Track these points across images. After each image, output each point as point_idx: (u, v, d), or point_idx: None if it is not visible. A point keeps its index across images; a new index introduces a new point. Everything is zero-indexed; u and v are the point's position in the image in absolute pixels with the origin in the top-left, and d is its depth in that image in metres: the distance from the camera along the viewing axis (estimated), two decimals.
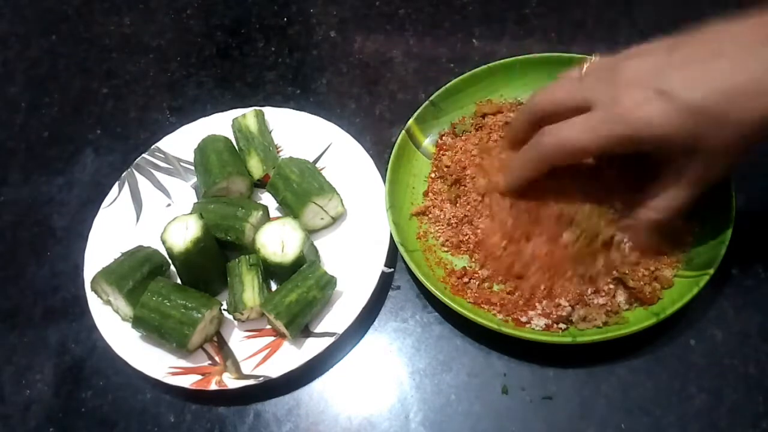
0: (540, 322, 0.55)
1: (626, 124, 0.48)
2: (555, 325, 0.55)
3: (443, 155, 0.66)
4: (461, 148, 0.65)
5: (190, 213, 0.63)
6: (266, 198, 0.68)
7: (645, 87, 0.47)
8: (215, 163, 0.67)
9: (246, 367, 0.58)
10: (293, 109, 0.72)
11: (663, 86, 0.47)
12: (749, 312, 0.56)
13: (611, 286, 0.55)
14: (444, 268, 0.60)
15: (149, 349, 0.60)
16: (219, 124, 0.72)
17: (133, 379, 0.60)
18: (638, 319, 0.54)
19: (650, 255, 0.56)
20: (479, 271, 0.59)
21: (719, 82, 0.46)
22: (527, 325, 0.55)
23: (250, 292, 0.60)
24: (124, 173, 0.71)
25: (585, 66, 0.53)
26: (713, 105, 0.46)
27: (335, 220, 0.66)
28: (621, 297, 0.55)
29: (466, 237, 0.61)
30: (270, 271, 0.62)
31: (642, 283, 0.55)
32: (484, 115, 0.67)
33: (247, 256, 0.61)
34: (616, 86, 0.49)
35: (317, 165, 0.68)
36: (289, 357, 0.58)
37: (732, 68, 0.46)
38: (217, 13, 0.88)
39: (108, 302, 0.62)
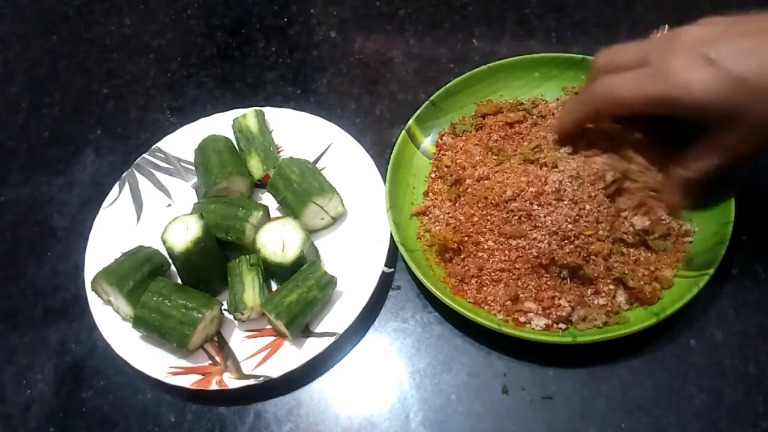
0: (540, 322, 0.55)
1: (671, 85, 0.49)
2: (555, 325, 0.55)
3: (443, 155, 0.66)
4: (461, 148, 0.65)
5: (191, 213, 0.63)
6: (266, 198, 0.68)
7: (696, 53, 0.49)
8: (216, 163, 0.67)
9: (246, 367, 0.58)
10: (293, 109, 0.73)
11: (712, 54, 0.48)
12: (749, 312, 0.57)
13: (611, 287, 0.55)
14: (444, 269, 0.60)
15: (150, 349, 0.60)
16: (219, 124, 0.72)
17: (134, 379, 0.61)
18: (638, 319, 0.54)
19: (675, 212, 0.57)
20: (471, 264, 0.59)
21: (765, 55, 0.47)
22: (527, 325, 0.55)
23: (251, 292, 0.60)
24: (125, 173, 0.71)
25: (655, 33, 0.55)
26: (758, 78, 0.47)
27: (335, 220, 0.66)
28: (621, 297, 0.55)
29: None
30: (270, 271, 0.62)
31: (642, 283, 0.55)
32: (484, 116, 0.67)
33: (247, 256, 0.61)
34: (672, 49, 0.50)
35: (317, 165, 0.68)
36: (290, 357, 0.58)
37: None
38: (217, 13, 0.88)
39: (108, 302, 0.62)
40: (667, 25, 0.55)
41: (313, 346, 0.58)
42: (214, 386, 0.57)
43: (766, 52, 0.47)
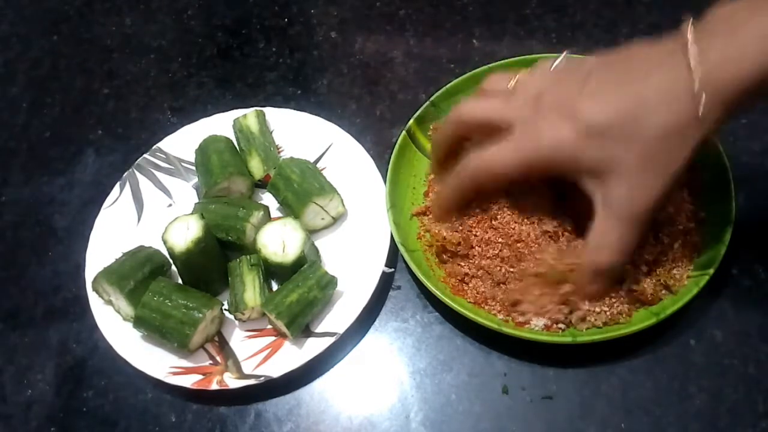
0: (539, 323, 0.55)
1: (540, 147, 0.50)
2: (554, 325, 0.55)
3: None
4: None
5: (191, 213, 0.63)
6: (267, 198, 0.68)
7: (558, 112, 0.49)
8: (216, 164, 0.67)
9: (247, 367, 0.58)
10: (294, 109, 0.73)
11: (572, 111, 0.48)
12: (749, 312, 0.57)
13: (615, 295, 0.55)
14: (444, 269, 0.60)
15: (150, 349, 0.60)
16: (220, 124, 0.72)
17: (134, 378, 0.61)
18: (638, 319, 0.54)
19: (598, 300, 0.54)
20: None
21: (622, 103, 0.47)
22: (526, 326, 0.55)
23: (251, 292, 0.60)
24: (126, 173, 0.71)
25: (514, 81, 0.54)
26: (617, 124, 0.47)
27: (336, 220, 0.66)
28: (622, 299, 0.55)
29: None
30: (271, 271, 0.62)
31: (645, 285, 0.55)
32: None
33: (248, 256, 0.62)
34: (536, 111, 0.50)
35: (318, 165, 0.68)
36: (290, 357, 0.58)
37: (636, 86, 0.47)
38: (217, 13, 0.88)
39: (109, 302, 0.62)
40: (521, 74, 0.54)
41: (314, 346, 0.58)
42: (214, 386, 0.57)
43: (618, 98, 0.47)
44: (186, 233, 0.60)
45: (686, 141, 0.46)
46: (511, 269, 0.56)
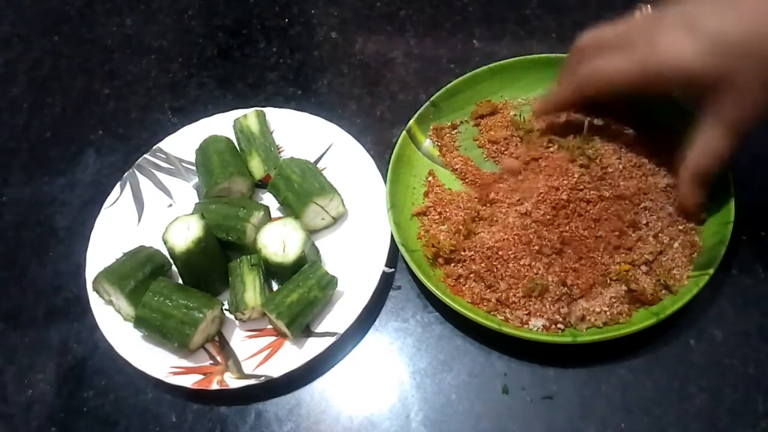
0: (537, 323, 0.55)
1: (661, 58, 0.50)
2: (553, 326, 0.55)
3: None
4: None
5: (192, 213, 0.63)
6: (267, 198, 0.68)
7: (680, 26, 0.49)
8: (217, 164, 0.67)
9: (247, 367, 0.58)
10: (294, 109, 0.73)
11: (695, 24, 0.48)
12: (749, 312, 0.57)
13: (614, 293, 0.56)
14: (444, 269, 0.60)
15: (151, 349, 0.60)
16: (220, 124, 0.72)
17: (135, 378, 0.61)
18: (638, 319, 0.54)
19: (695, 215, 0.56)
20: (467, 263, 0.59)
21: (749, 18, 0.47)
22: (525, 326, 0.55)
23: (252, 292, 0.60)
24: (126, 173, 0.71)
25: (637, 13, 0.55)
26: (745, 40, 0.47)
27: (336, 220, 0.66)
28: (622, 299, 0.56)
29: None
30: (271, 271, 0.62)
31: (645, 285, 0.55)
32: (481, 117, 0.68)
33: (248, 256, 0.62)
34: (657, 26, 0.51)
35: (318, 165, 0.68)
36: (291, 357, 0.58)
37: (762, 4, 0.47)
38: (218, 13, 0.88)
39: (110, 302, 0.62)
40: (649, 5, 0.55)
41: (314, 346, 0.58)
42: (215, 386, 0.57)
43: (746, 17, 0.47)
44: (186, 233, 0.60)
45: None
46: (501, 275, 0.57)
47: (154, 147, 0.72)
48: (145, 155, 0.72)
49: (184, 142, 0.72)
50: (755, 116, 0.50)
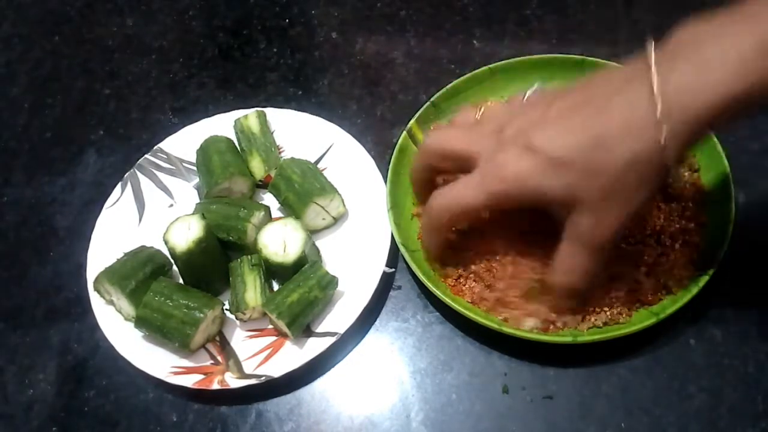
0: (530, 323, 0.55)
1: (501, 181, 0.48)
2: (552, 326, 0.55)
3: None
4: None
5: (193, 213, 0.63)
6: (268, 198, 0.68)
7: (519, 144, 0.48)
8: (217, 164, 0.67)
9: (248, 367, 0.58)
10: (295, 110, 0.73)
11: (534, 142, 0.47)
12: (749, 312, 0.57)
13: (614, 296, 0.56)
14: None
15: (151, 349, 0.60)
16: (221, 124, 0.72)
17: (136, 378, 0.61)
18: (638, 319, 0.54)
19: (568, 314, 0.55)
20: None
21: (583, 133, 0.46)
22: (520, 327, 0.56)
23: (252, 292, 0.60)
24: (127, 174, 0.71)
25: (480, 111, 0.55)
26: (578, 155, 0.45)
27: (337, 220, 0.66)
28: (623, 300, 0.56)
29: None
30: (272, 271, 0.62)
31: (645, 285, 0.55)
32: None
33: (249, 257, 0.62)
34: (498, 143, 0.49)
35: (319, 166, 0.68)
36: (291, 356, 0.58)
37: (597, 115, 0.46)
38: (218, 14, 0.88)
39: (110, 302, 0.62)
40: (489, 103, 0.56)
41: (315, 346, 0.58)
42: (215, 386, 0.57)
43: (579, 128, 0.46)
44: (187, 233, 0.60)
45: (650, 169, 0.45)
46: (499, 276, 0.57)
47: (155, 147, 0.73)
48: (146, 155, 0.72)
49: (184, 142, 0.72)
50: (610, 233, 0.48)
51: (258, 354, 0.59)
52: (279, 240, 0.61)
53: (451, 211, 0.53)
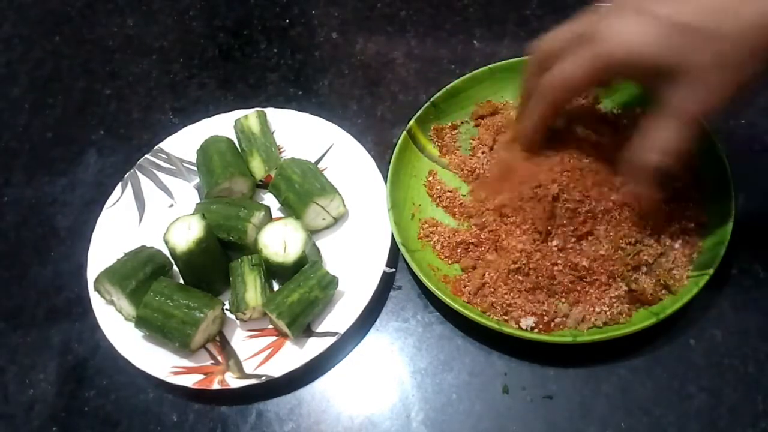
0: (528, 322, 0.55)
1: (614, 48, 0.48)
2: (552, 322, 0.55)
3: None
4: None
5: (193, 213, 0.63)
6: (268, 198, 0.68)
7: (635, 11, 0.48)
8: (218, 164, 0.67)
9: (248, 367, 0.58)
10: (295, 110, 0.73)
11: (650, 8, 0.47)
12: (749, 312, 0.57)
13: (614, 294, 0.56)
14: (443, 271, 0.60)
15: (152, 349, 0.60)
16: (221, 125, 0.73)
17: (136, 378, 0.61)
18: (638, 319, 0.54)
19: (653, 210, 0.55)
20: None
21: (703, 10, 0.46)
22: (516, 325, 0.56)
23: (253, 292, 0.60)
24: (127, 174, 0.71)
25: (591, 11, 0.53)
26: (697, 21, 0.45)
27: (337, 220, 0.66)
28: (623, 299, 0.56)
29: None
30: (272, 271, 0.62)
31: (645, 285, 0.55)
32: (482, 117, 0.68)
33: (249, 257, 0.62)
34: (611, 15, 0.49)
35: (319, 166, 0.68)
36: (291, 356, 0.58)
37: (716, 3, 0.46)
38: (219, 14, 0.88)
39: (111, 302, 0.62)
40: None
41: (315, 346, 0.58)
42: (216, 386, 0.57)
43: (697, 5, 0.46)
44: (187, 233, 0.61)
45: (763, 43, 0.45)
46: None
47: (156, 147, 0.73)
48: (147, 155, 0.72)
49: (185, 142, 0.72)
50: (716, 102, 0.47)
51: (258, 354, 0.59)
52: (279, 240, 0.61)
53: (561, 83, 0.52)
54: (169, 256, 0.63)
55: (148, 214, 0.69)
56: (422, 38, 0.81)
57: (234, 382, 0.57)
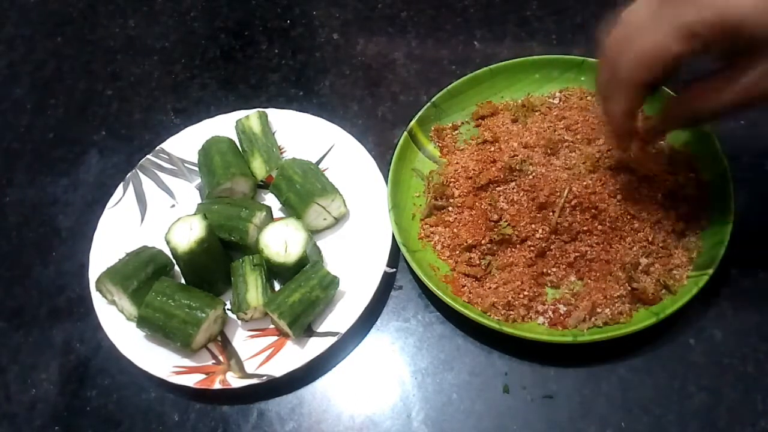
0: (539, 320, 0.55)
1: (701, 7, 0.42)
2: (560, 320, 0.56)
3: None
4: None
5: (194, 213, 0.63)
6: (269, 199, 0.68)
7: None
8: (219, 164, 0.67)
9: (249, 367, 0.59)
10: (296, 110, 0.73)
11: None
12: (748, 312, 0.57)
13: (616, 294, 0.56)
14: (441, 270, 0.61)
15: (154, 349, 0.60)
16: (223, 125, 0.73)
17: (138, 378, 0.61)
18: (638, 319, 0.54)
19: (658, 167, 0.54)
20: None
21: None
22: (527, 322, 0.56)
23: (254, 291, 0.60)
24: (129, 174, 0.71)
25: None
26: None
27: (338, 220, 0.67)
28: (624, 299, 0.56)
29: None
30: (273, 271, 0.62)
31: (646, 285, 0.55)
32: (482, 117, 0.68)
33: (250, 257, 0.62)
34: None
35: (320, 166, 0.69)
36: (293, 356, 0.58)
37: None
38: (220, 15, 0.88)
39: (113, 302, 0.63)
40: None
41: (316, 346, 0.58)
42: (217, 385, 0.57)
43: None
44: (189, 233, 0.61)
45: None
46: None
47: (157, 148, 0.73)
48: (148, 156, 0.72)
49: (186, 142, 0.72)
50: None
51: (259, 354, 0.59)
52: (280, 240, 0.61)
53: (641, 61, 0.46)
54: (171, 257, 0.63)
55: (150, 214, 0.69)
56: (423, 39, 0.81)
57: (235, 381, 0.57)
